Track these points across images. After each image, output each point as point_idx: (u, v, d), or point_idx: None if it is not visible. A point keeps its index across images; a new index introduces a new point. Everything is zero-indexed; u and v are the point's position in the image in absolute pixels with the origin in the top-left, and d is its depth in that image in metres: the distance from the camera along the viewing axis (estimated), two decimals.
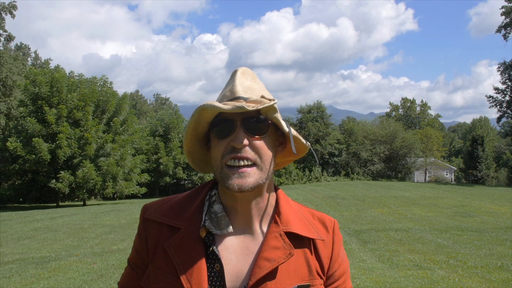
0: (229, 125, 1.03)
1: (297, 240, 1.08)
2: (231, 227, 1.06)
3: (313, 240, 1.10)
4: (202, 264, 1.03)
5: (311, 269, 1.08)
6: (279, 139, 1.12)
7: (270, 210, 1.11)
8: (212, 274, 1.03)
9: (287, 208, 1.12)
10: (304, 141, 1.12)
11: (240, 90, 1.05)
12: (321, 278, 1.10)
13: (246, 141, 1.02)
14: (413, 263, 6.93)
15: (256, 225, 1.09)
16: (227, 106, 0.98)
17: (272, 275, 1.02)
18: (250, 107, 0.98)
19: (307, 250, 1.09)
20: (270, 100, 1.03)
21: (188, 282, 1.01)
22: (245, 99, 1.03)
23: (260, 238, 1.08)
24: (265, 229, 1.09)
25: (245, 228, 1.08)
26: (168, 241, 1.07)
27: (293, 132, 1.10)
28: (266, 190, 1.09)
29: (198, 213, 1.09)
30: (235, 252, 1.06)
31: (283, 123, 1.06)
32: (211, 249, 1.04)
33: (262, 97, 1.05)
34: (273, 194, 1.12)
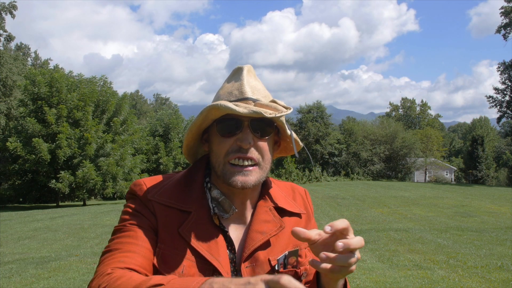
0: (237, 125, 1.06)
1: (285, 214, 1.17)
2: (233, 206, 1.11)
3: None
4: (224, 247, 1.07)
5: None
6: (275, 138, 1.17)
7: (258, 192, 1.18)
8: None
9: (272, 187, 1.20)
10: (301, 143, 1.20)
11: (249, 91, 1.09)
12: None
13: (252, 142, 1.06)
14: (413, 263, 6.93)
15: (248, 212, 1.15)
16: (242, 109, 1.00)
17: (263, 246, 1.09)
18: (268, 113, 1.01)
19: (293, 222, 1.18)
20: (283, 106, 1.08)
21: (218, 262, 1.03)
22: (254, 101, 1.07)
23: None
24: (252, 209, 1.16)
25: (240, 216, 1.14)
26: (182, 224, 1.06)
27: (294, 135, 1.15)
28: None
29: (202, 198, 1.12)
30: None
31: (287, 127, 1.12)
32: (227, 234, 1.09)
33: (273, 101, 1.09)
34: None
